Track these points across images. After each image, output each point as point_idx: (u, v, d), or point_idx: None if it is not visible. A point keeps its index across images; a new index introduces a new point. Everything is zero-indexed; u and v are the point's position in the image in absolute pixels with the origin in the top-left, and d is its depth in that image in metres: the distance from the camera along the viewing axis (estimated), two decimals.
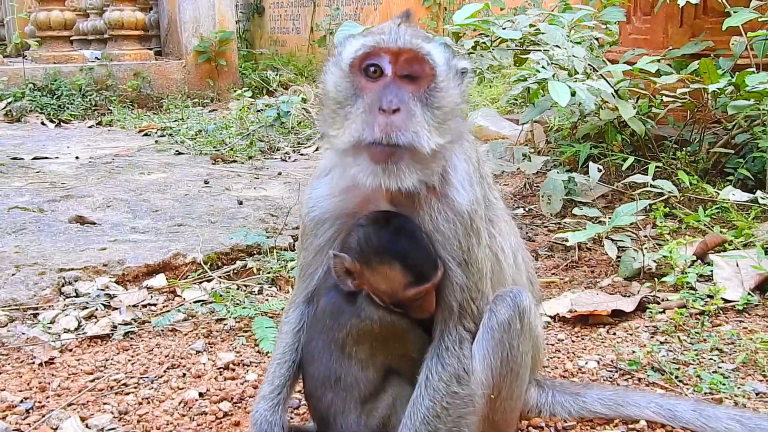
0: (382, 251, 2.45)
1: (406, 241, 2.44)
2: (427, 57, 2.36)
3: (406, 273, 2.44)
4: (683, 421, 3.00)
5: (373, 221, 2.48)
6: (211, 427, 3.19)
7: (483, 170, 2.74)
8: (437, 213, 2.48)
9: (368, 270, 2.48)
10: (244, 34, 19.03)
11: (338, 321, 2.55)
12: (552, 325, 4.19)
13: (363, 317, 2.50)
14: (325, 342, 2.59)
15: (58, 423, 3.16)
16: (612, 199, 6.01)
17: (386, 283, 2.48)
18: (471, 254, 2.52)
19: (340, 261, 2.50)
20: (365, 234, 2.47)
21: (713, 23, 6.43)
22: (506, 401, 2.62)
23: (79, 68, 13.09)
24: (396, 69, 2.36)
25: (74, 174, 7.88)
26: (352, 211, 2.60)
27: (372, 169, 2.33)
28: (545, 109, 6.07)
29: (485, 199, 2.68)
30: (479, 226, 2.54)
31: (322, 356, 2.61)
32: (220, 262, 5.07)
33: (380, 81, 2.35)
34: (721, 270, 4.44)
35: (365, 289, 2.52)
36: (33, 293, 4.45)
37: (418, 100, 2.35)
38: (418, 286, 2.46)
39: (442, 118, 2.38)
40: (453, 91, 2.43)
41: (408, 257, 2.44)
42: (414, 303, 2.51)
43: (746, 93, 5.39)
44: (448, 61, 2.44)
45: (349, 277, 2.52)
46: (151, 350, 3.94)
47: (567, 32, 5.86)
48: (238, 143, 9.36)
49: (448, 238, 2.48)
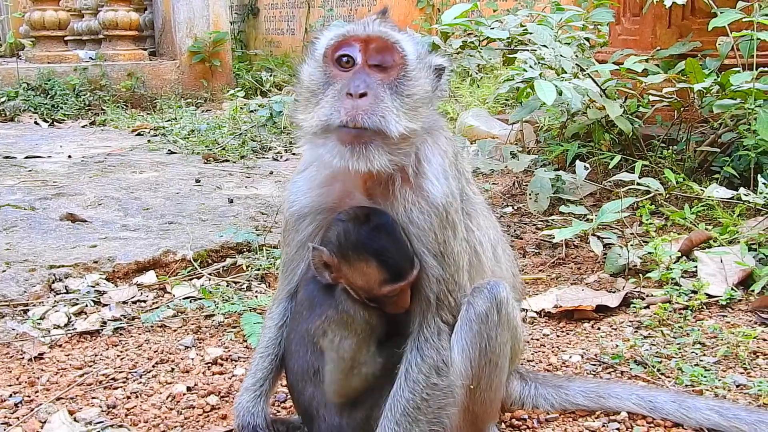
0: (360, 247, 2.48)
1: (384, 239, 2.47)
2: (395, 45, 2.43)
3: (383, 270, 2.47)
4: (663, 412, 3.05)
5: (353, 217, 2.51)
6: (198, 420, 3.23)
7: (461, 165, 2.78)
8: (411, 204, 2.52)
9: (345, 265, 2.51)
10: (238, 35, 19.07)
11: (314, 311, 2.58)
12: (537, 320, 4.24)
13: (339, 309, 2.54)
14: (301, 334, 2.63)
15: (47, 417, 3.19)
16: (599, 198, 6.05)
17: (362, 278, 2.51)
18: (447, 247, 2.56)
19: (319, 254, 2.53)
20: (344, 229, 2.50)
21: (701, 24, 6.47)
22: (486, 392, 2.65)
23: (73, 68, 13.12)
24: (366, 57, 2.43)
25: (66, 173, 7.91)
26: (332, 206, 2.64)
27: (339, 151, 2.38)
28: (534, 109, 6.11)
29: (462, 194, 2.72)
30: (455, 219, 2.58)
31: (300, 349, 2.65)
32: (210, 259, 5.10)
33: (351, 70, 2.43)
34: (705, 266, 4.49)
35: (342, 283, 2.56)
36: (23, 289, 4.48)
37: (387, 87, 2.40)
38: (394, 284, 2.49)
39: (411, 105, 2.43)
40: (423, 81, 2.49)
41: (385, 255, 2.47)
42: (389, 299, 2.53)
43: (731, 92, 5.44)
44: (419, 53, 2.50)
45: (327, 270, 2.55)
46: (140, 346, 3.97)
47: (555, 32, 5.90)
48: (231, 143, 9.40)
49: (423, 230, 2.52)
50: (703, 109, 5.93)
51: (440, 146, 2.64)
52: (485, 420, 2.78)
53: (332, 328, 2.54)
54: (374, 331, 2.56)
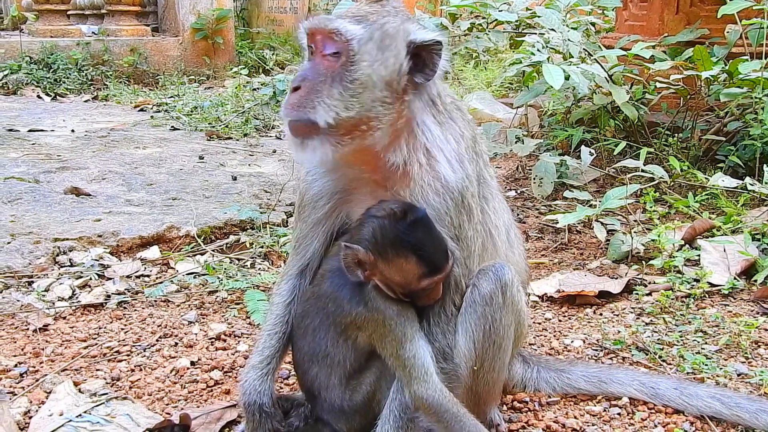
0: (399, 244, 2.44)
1: (421, 233, 2.44)
2: (333, 33, 2.41)
3: (422, 265, 2.44)
4: (665, 399, 3.08)
5: (389, 214, 2.47)
6: (201, 394, 3.25)
7: (479, 148, 2.77)
8: (428, 186, 2.52)
9: (383, 262, 2.46)
10: (241, 12, 18.90)
11: (342, 307, 2.55)
12: (540, 304, 4.25)
13: (371, 307, 2.50)
14: (324, 323, 2.61)
15: (52, 387, 3.21)
16: (603, 184, 6.06)
17: (401, 274, 2.47)
18: (462, 231, 2.56)
19: (353, 252, 2.47)
20: (381, 226, 2.46)
21: (709, 11, 6.47)
22: (489, 373, 2.66)
23: (75, 43, 13.04)
24: (318, 48, 2.46)
25: (70, 147, 7.90)
26: (347, 188, 2.65)
27: (292, 143, 2.48)
28: (539, 93, 6.10)
29: (480, 177, 2.72)
30: (471, 204, 2.58)
31: (318, 333, 2.63)
32: (214, 236, 5.12)
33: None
34: (708, 255, 4.50)
35: (374, 280, 2.51)
36: (28, 261, 4.49)
37: (332, 75, 2.40)
38: (432, 277, 2.47)
39: (353, 91, 2.40)
40: (376, 65, 2.42)
41: (424, 249, 2.44)
42: (423, 292, 2.51)
43: (739, 81, 5.44)
44: (373, 36, 2.42)
45: (359, 268, 2.49)
46: (144, 320, 3.99)
47: (563, 16, 5.88)
48: (234, 120, 9.38)
49: (439, 212, 2.52)
50: (709, 97, 5.92)
51: (457, 129, 2.63)
52: (488, 401, 2.80)
53: (365, 326, 2.52)
54: (412, 325, 2.52)
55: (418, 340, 2.49)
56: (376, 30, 2.44)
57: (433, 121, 2.58)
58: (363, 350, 2.60)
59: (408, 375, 2.46)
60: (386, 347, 2.50)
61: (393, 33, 2.46)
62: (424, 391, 2.45)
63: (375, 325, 2.50)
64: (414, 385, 2.45)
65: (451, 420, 2.47)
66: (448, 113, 2.63)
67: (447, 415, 2.47)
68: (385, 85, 2.43)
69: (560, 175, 5.90)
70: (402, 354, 2.46)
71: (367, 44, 2.42)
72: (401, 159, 2.51)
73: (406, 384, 2.47)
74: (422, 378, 2.45)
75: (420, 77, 2.48)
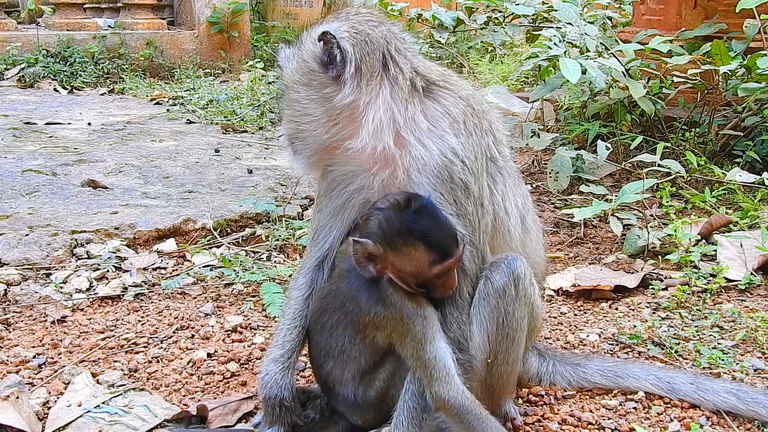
0: (405, 232, 2.45)
1: (426, 220, 2.45)
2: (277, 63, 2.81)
3: (430, 251, 2.45)
4: (681, 394, 3.07)
5: (393, 204, 2.48)
6: (218, 386, 3.27)
7: (485, 125, 2.75)
8: (409, 167, 2.55)
9: (392, 253, 2.47)
10: (256, 6, 18.91)
11: (360, 306, 2.55)
12: (555, 298, 4.25)
13: (389, 305, 2.50)
14: (342, 321, 2.62)
15: (70, 378, 3.24)
16: (619, 178, 6.04)
17: (411, 263, 2.47)
18: (460, 207, 2.57)
19: (363, 246, 2.48)
20: (386, 217, 2.47)
21: (727, 5, 6.42)
22: (503, 365, 2.67)
23: (92, 36, 13.10)
24: None
25: (86, 140, 7.94)
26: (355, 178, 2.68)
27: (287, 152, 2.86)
28: (556, 87, 6.08)
29: (487, 152, 2.71)
30: (463, 179, 2.57)
31: (335, 330, 2.65)
32: (230, 228, 5.14)
33: None
34: (725, 250, 4.48)
35: (387, 274, 2.51)
36: (46, 253, 4.52)
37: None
38: (443, 263, 2.46)
39: (285, 108, 2.76)
40: (298, 86, 2.68)
41: (430, 235, 2.44)
42: (438, 281, 2.51)
43: (757, 76, 5.40)
44: (287, 54, 2.75)
45: (371, 262, 2.49)
46: (161, 312, 4.01)
47: (580, 10, 5.86)
48: (249, 114, 9.40)
49: (427, 191, 2.53)
50: (727, 92, 5.89)
51: (440, 107, 2.63)
52: (502, 394, 2.80)
53: (384, 325, 2.53)
54: (433, 325, 2.52)
55: (439, 341, 2.50)
56: (299, 42, 2.71)
57: (397, 103, 2.58)
58: (380, 349, 2.61)
59: (429, 376, 2.47)
60: (406, 347, 2.50)
61: (305, 37, 2.68)
62: (446, 392, 2.46)
63: (394, 324, 2.51)
64: (435, 386, 2.46)
65: (474, 421, 2.47)
66: (427, 92, 2.65)
67: (469, 417, 2.47)
68: (304, 87, 2.64)
69: (576, 170, 5.88)
70: (423, 355, 2.47)
71: (290, 59, 2.72)
72: (364, 144, 2.56)
73: (427, 385, 2.48)
74: (443, 379, 2.46)
75: (332, 70, 2.57)
